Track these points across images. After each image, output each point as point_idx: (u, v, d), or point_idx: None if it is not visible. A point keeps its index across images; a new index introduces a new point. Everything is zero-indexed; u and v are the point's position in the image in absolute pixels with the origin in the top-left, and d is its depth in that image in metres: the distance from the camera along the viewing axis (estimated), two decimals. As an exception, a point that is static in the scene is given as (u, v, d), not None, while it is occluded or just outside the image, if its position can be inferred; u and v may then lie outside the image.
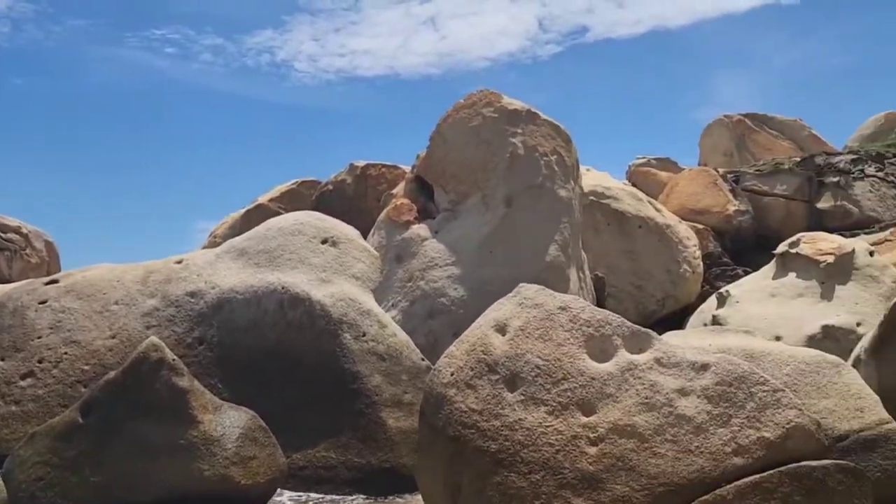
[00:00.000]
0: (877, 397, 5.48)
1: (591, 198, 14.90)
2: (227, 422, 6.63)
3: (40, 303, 8.99)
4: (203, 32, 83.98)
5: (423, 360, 8.23)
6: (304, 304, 8.32)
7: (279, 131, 76.08)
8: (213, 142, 74.84)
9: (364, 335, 8.23)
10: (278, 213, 13.02)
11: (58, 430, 6.58)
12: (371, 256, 9.28)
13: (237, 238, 10.00)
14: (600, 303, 12.89)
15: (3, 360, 8.60)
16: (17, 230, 20.85)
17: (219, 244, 11.20)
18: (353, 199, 14.39)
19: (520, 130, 11.72)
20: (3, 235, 20.77)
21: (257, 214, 15.20)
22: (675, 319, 15.01)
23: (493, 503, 4.68)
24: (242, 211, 16.78)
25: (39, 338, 8.67)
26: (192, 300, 8.79)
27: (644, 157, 23.70)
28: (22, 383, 8.38)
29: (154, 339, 6.91)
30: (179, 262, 9.40)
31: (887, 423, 5.21)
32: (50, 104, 70.77)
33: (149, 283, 9.07)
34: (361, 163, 15.04)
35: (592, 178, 15.79)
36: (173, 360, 6.74)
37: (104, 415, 6.51)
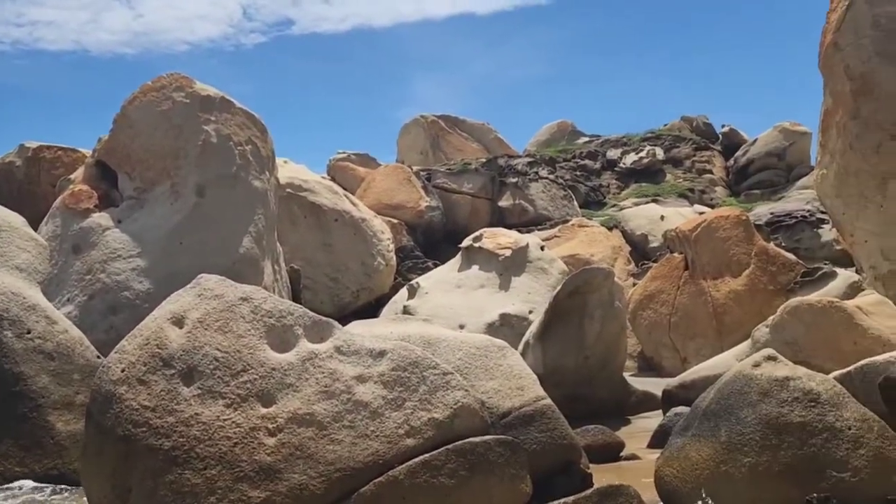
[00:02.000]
0: (535, 377, 5.93)
1: (288, 190, 14.84)
2: None
3: None
4: None
5: (99, 357, 7.59)
6: (-47, 299, 7.35)
7: (-60, 106, 66.58)
8: None
9: (29, 332, 7.41)
10: (-66, 198, 11.41)
11: None
12: (39, 246, 8.42)
13: None
14: (295, 295, 12.87)
15: None
16: None
17: None
18: (22, 184, 13.04)
19: (213, 118, 11.35)
20: None
21: None
22: (370, 310, 15.44)
23: (166, 503, 4.47)
24: None
25: None
26: None
27: (344, 153, 24.08)
28: None
29: None
30: None
31: (543, 399, 5.67)
32: None
33: None
34: (34, 144, 13.66)
35: (290, 170, 15.74)
36: None
37: None
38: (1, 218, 8.28)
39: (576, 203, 21.89)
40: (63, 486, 6.71)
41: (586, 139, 29.00)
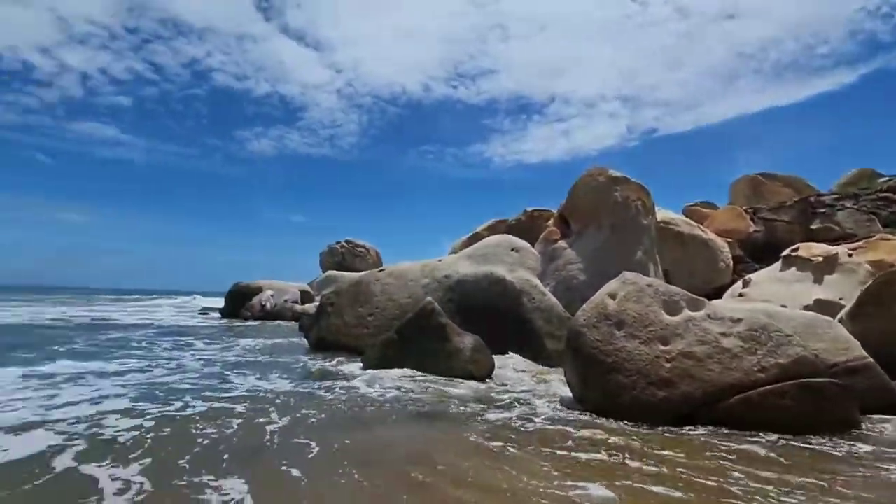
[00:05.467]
0: (857, 342, 4.59)
1: (662, 224, 13.69)
2: (466, 341, 6.67)
3: (375, 280, 9.62)
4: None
5: (564, 313, 7.94)
6: (503, 282, 8.29)
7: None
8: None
9: (534, 299, 8.06)
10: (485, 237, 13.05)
11: (385, 341, 6.98)
12: (536, 257, 9.10)
13: (468, 249, 10.20)
14: (668, 283, 11.82)
15: (361, 307, 9.27)
16: (363, 246, 22.87)
17: (456, 252, 11.49)
18: (527, 230, 14.09)
19: (619, 188, 10.96)
20: (359, 249, 22.81)
21: (475, 238, 15.42)
22: (715, 294, 13.40)
23: (608, 389, 4.46)
24: (466, 237, 16.94)
25: (376, 297, 9.29)
26: (446, 279, 8.99)
27: (694, 202, 21.47)
28: (369, 318, 8.97)
29: (429, 298, 7.15)
30: (440, 260, 9.71)
31: (866, 358, 4.35)
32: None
33: (425, 271, 9.44)
34: (531, 208, 14.79)
35: (662, 213, 14.51)
36: (438, 309, 6.93)
37: (407, 334, 6.81)
38: (520, 244, 9.17)
39: (878, 223, 16.16)
40: (551, 368, 7.10)
41: (885, 178, 21.23)
